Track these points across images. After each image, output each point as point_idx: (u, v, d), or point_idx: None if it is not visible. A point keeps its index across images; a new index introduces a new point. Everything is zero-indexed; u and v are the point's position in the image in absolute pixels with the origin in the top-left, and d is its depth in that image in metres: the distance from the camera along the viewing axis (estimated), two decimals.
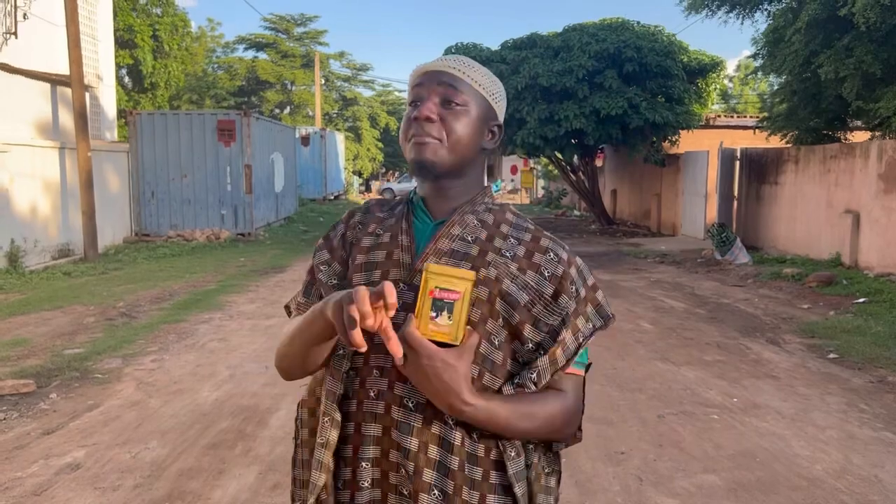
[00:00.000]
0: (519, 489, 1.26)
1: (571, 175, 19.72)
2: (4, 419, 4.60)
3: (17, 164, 10.59)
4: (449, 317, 1.15)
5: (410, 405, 1.25)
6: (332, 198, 29.98)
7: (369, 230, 1.41)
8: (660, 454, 4.08)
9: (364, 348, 1.13)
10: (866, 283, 9.15)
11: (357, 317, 1.10)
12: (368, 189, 41.31)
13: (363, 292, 1.11)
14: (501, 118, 1.42)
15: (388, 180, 45.72)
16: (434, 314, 1.16)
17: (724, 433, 4.41)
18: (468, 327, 1.19)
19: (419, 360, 1.16)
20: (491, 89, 1.38)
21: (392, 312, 1.12)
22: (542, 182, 33.15)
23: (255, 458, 4.00)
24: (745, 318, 7.87)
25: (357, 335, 1.11)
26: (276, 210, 18.39)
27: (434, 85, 1.32)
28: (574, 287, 1.29)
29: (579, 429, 1.42)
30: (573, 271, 1.31)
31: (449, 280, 1.16)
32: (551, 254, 1.31)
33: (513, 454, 1.27)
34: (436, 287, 1.16)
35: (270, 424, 4.54)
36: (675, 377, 5.60)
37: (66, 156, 11.97)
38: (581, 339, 1.28)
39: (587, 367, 1.39)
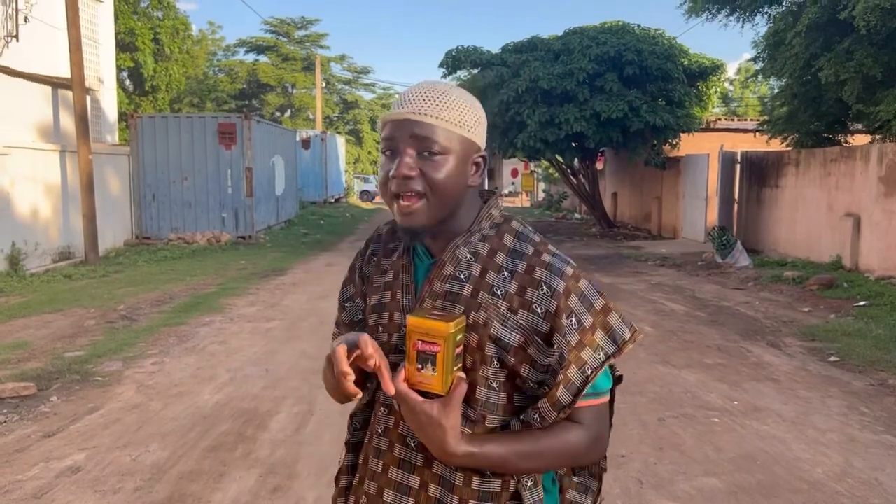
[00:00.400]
0: None
1: (572, 178, 19.73)
2: (5, 422, 4.60)
3: (18, 167, 10.61)
4: (433, 369, 1.16)
5: (412, 444, 1.27)
6: (333, 200, 30.01)
7: (380, 267, 1.40)
8: (660, 457, 4.08)
9: (358, 395, 1.20)
10: (867, 286, 9.15)
11: (341, 376, 1.16)
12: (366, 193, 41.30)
13: (340, 353, 1.16)
14: (483, 143, 1.32)
15: None
16: (420, 366, 1.17)
17: (724, 436, 4.41)
18: (460, 375, 1.19)
19: (406, 411, 1.20)
20: (468, 122, 1.27)
21: (371, 362, 1.16)
22: (542, 185, 33.18)
23: (256, 461, 4.00)
24: (745, 321, 7.87)
25: (346, 388, 1.18)
26: (276, 213, 18.41)
27: (407, 137, 1.23)
28: (573, 319, 1.21)
29: (604, 457, 1.40)
30: (573, 302, 1.22)
31: (426, 334, 1.16)
32: (544, 287, 1.22)
33: (529, 484, 1.26)
34: (417, 340, 1.16)
35: (270, 427, 4.53)
36: (675, 380, 5.60)
37: (66, 159, 11.99)
38: (589, 372, 1.22)
39: (618, 379, 1.36)
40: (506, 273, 1.25)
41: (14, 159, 10.51)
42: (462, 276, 1.26)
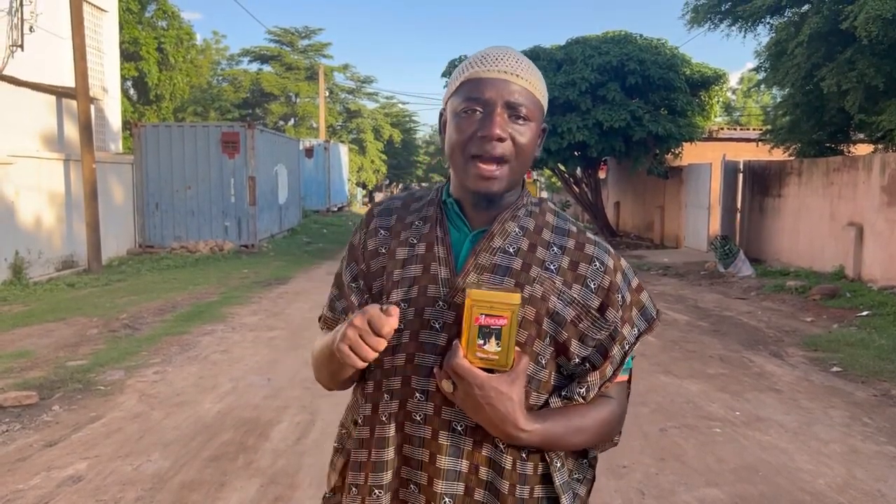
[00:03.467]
0: (566, 500, 1.24)
1: (574, 187, 19.74)
2: (7, 431, 4.60)
3: (22, 176, 10.65)
4: (497, 343, 1.12)
5: (459, 429, 1.21)
6: (336, 209, 30.03)
7: (401, 238, 1.31)
8: (662, 468, 4.07)
9: (357, 367, 1.15)
10: (870, 295, 9.13)
11: (383, 337, 1.13)
12: (372, 201, 41.37)
13: (377, 314, 1.13)
14: None
15: (391, 192, 45.80)
16: (482, 341, 1.12)
17: (726, 447, 4.40)
18: (517, 350, 1.16)
19: (470, 390, 1.13)
20: (544, 90, 1.28)
21: (386, 337, 1.13)
22: (545, 194, 33.20)
23: (257, 471, 4.00)
24: (748, 330, 7.85)
25: (371, 357, 1.14)
26: (279, 222, 18.43)
27: (499, 97, 1.20)
28: (619, 295, 1.24)
29: (619, 433, 1.39)
30: (619, 279, 1.25)
31: (493, 306, 1.11)
32: (597, 263, 1.24)
33: (558, 465, 1.25)
34: (480, 314, 1.11)
35: (272, 437, 4.53)
36: (677, 390, 5.59)
37: (70, 168, 12.03)
38: (627, 347, 1.25)
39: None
40: (555, 249, 1.25)
41: (18, 168, 10.55)
42: (511, 250, 1.24)
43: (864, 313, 8.34)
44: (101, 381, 5.72)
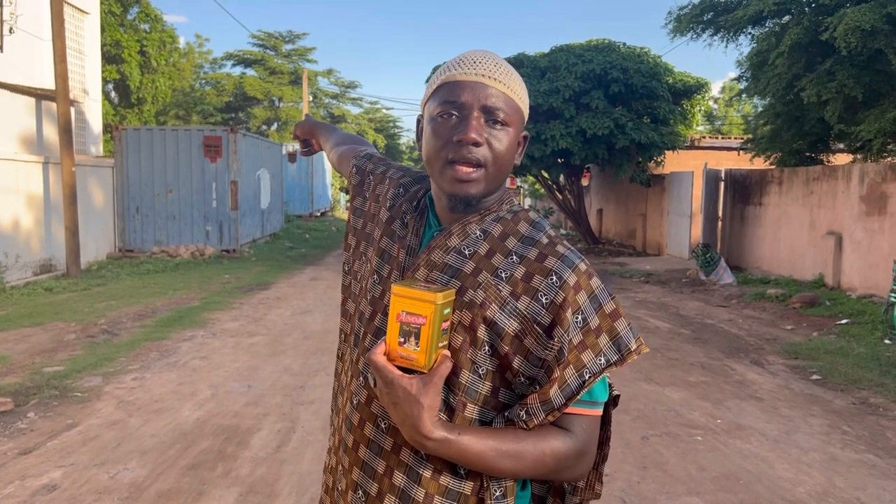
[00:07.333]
0: None
1: (558, 194, 19.81)
2: None
3: None
4: (416, 343, 1.06)
5: (383, 426, 1.19)
6: (319, 214, 29.93)
7: (402, 208, 1.33)
8: (643, 476, 4.07)
9: None
10: (849, 304, 9.22)
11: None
12: None
13: None
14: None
15: None
16: (402, 339, 1.07)
17: (707, 455, 4.41)
18: (445, 353, 1.10)
19: (382, 387, 1.10)
20: (524, 96, 1.24)
21: None
22: (528, 201, 33.32)
23: (236, 480, 3.95)
24: (729, 338, 7.90)
25: None
26: (261, 226, 18.33)
27: (476, 101, 1.17)
28: (579, 317, 1.13)
29: (600, 481, 1.28)
30: (581, 298, 1.14)
31: (413, 303, 1.06)
32: (554, 277, 1.13)
33: (497, 493, 1.15)
34: (402, 310, 1.07)
35: (251, 445, 4.49)
36: (659, 398, 5.61)
37: (49, 170, 11.88)
38: (587, 377, 1.12)
39: (615, 400, 1.26)
40: (514, 258, 1.17)
41: None
42: (467, 252, 1.19)
43: (844, 321, 8.42)
44: (79, 387, 5.64)
